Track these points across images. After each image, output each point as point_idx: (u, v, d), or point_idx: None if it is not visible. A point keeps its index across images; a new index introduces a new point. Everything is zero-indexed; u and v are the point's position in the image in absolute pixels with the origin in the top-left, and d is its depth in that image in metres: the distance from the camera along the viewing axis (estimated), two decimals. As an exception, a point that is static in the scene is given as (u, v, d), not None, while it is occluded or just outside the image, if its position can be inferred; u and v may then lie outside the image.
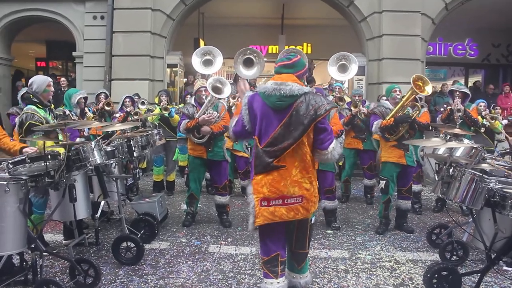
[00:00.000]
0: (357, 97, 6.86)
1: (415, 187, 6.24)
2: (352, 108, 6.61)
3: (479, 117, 6.20)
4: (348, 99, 7.27)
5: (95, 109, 7.26)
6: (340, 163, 7.97)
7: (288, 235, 3.02)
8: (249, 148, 7.16)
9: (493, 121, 6.30)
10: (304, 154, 2.88)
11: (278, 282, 2.91)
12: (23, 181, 3.25)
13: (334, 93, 7.88)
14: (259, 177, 2.88)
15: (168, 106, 7.14)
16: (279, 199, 2.84)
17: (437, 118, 6.59)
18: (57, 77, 12.45)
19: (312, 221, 3.05)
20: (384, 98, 7.87)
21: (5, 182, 3.14)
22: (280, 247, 2.97)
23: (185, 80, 12.26)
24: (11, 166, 3.27)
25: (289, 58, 2.99)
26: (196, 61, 6.46)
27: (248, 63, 6.38)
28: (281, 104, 2.81)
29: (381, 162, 5.43)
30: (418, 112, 5.20)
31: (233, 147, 6.89)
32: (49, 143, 3.83)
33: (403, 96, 5.29)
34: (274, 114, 2.83)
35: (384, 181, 5.31)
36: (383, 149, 5.39)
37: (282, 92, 2.79)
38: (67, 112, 5.32)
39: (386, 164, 5.32)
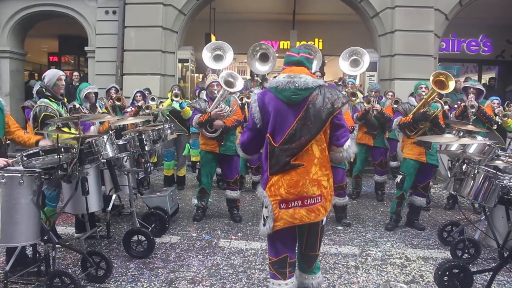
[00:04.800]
0: (373, 93, 6.76)
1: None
2: (365, 104, 6.57)
3: (493, 114, 6.13)
4: (360, 95, 7.20)
5: (105, 106, 7.28)
6: (352, 159, 7.93)
7: (299, 236, 2.86)
8: None
9: (506, 118, 6.22)
10: (323, 150, 2.73)
11: (286, 284, 2.74)
12: (36, 174, 3.29)
13: (347, 89, 7.82)
14: (276, 178, 2.67)
15: (175, 99, 7.05)
16: (298, 200, 2.65)
17: (451, 115, 6.52)
18: (65, 71, 12.47)
19: (324, 222, 2.84)
20: (391, 94, 7.85)
21: (19, 175, 3.17)
22: (290, 249, 2.80)
23: (196, 74, 12.27)
24: (25, 159, 3.31)
25: (311, 54, 2.85)
26: (206, 56, 6.48)
27: (264, 58, 6.37)
28: (297, 98, 2.63)
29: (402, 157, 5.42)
30: (441, 111, 5.12)
31: None
32: (64, 136, 3.87)
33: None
34: (289, 109, 2.65)
35: (401, 176, 5.27)
36: (405, 145, 5.39)
37: (297, 84, 2.61)
38: (77, 106, 5.36)
39: (405, 159, 5.32)
